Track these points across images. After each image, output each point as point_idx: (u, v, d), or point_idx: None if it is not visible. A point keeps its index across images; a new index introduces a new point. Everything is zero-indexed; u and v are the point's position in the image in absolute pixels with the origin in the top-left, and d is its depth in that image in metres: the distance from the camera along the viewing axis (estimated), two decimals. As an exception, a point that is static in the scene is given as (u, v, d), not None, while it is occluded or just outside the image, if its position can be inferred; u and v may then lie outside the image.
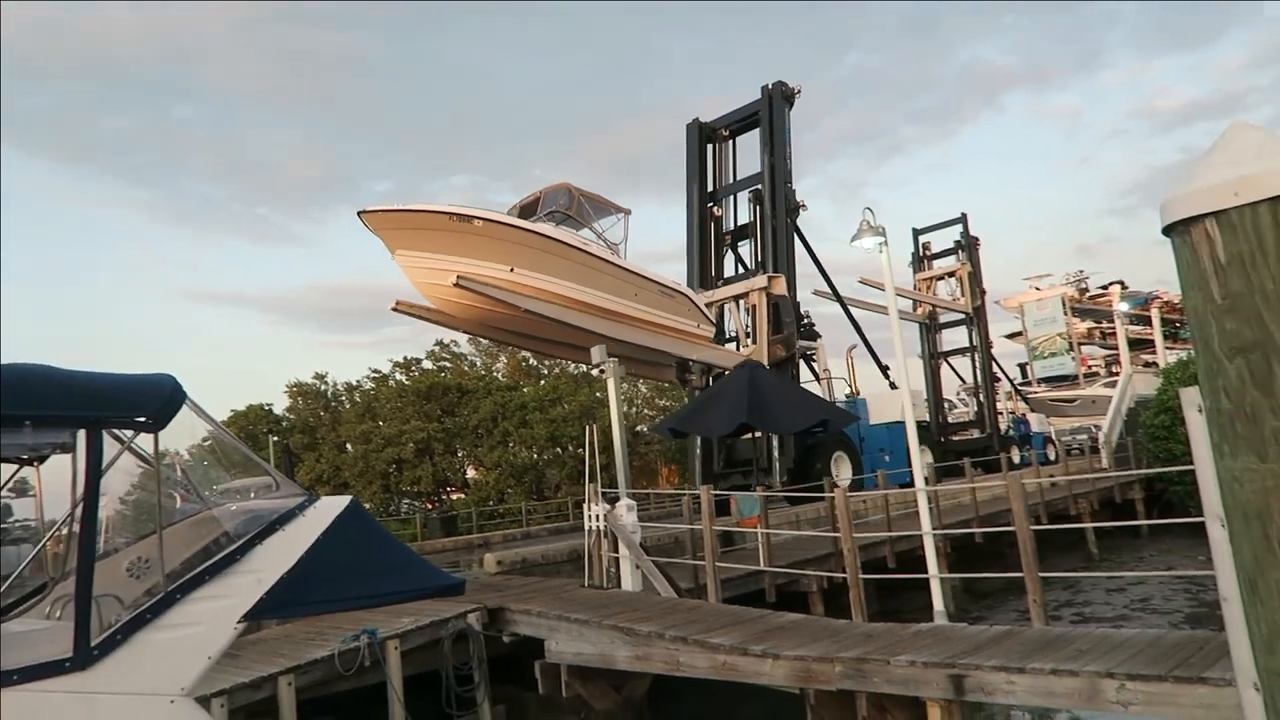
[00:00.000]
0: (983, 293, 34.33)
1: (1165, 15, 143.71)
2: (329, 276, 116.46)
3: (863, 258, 23.77)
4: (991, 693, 5.93)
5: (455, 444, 37.96)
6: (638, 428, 39.40)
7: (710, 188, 23.56)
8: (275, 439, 28.06)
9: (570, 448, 37.02)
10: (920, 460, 9.97)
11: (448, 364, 44.56)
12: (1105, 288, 56.22)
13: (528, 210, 16.85)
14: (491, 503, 35.00)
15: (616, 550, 11.36)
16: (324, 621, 9.59)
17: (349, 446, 38.52)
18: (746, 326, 22.26)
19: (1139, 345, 48.26)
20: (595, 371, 14.01)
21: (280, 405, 42.69)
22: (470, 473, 39.33)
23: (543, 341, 17.87)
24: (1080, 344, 52.91)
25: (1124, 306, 46.08)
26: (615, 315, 16.98)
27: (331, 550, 5.47)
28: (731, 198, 23.80)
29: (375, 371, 42.00)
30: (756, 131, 23.15)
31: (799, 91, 23.12)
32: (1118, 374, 39.15)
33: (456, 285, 14.43)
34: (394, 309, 16.46)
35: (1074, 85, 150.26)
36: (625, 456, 12.87)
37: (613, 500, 11.90)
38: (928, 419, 28.85)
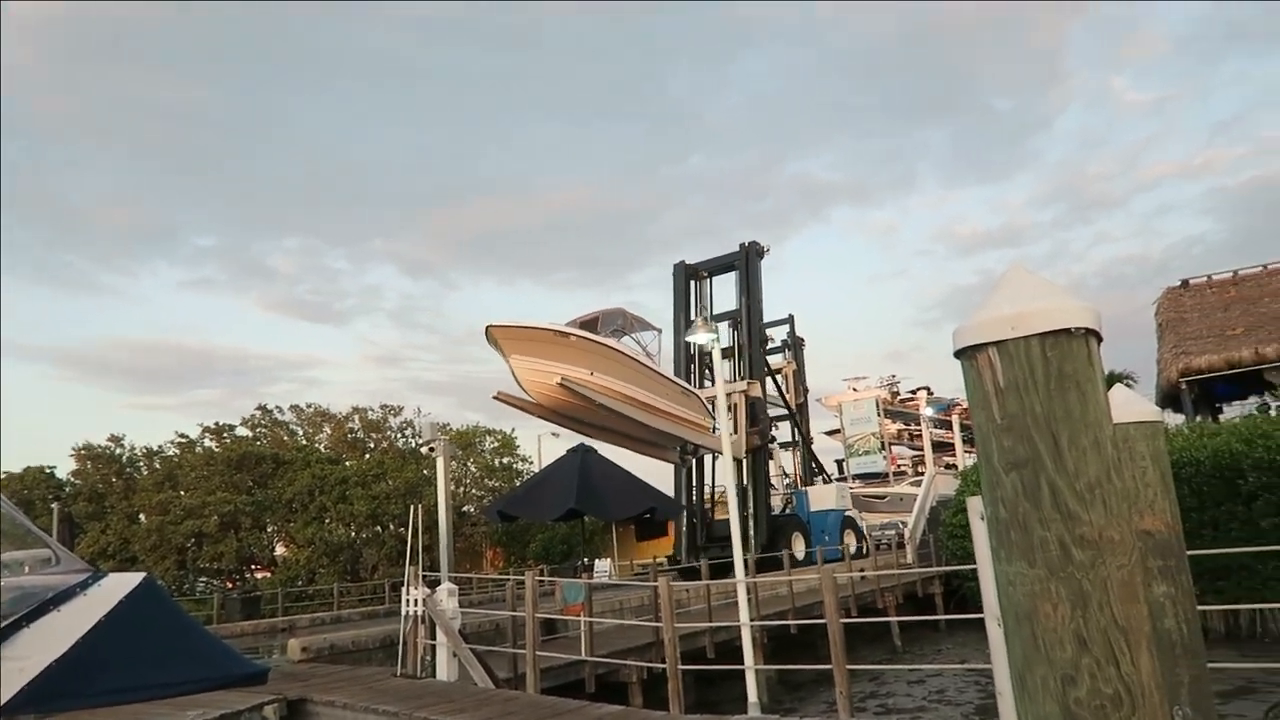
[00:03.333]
0: (806, 391, 36.21)
1: (966, 153, 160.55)
2: (138, 332, 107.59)
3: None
4: (799, 785, 6.05)
5: (265, 518, 35.54)
6: (465, 508, 38.39)
7: (692, 316, 28.34)
8: (57, 505, 25.30)
9: (392, 526, 35.52)
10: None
11: (266, 431, 42.04)
12: (914, 392, 60.49)
13: (589, 325, 21.11)
14: (301, 582, 32.84)
15: (433, 637, 10.91)
16: (92, 717, 8.61)
17: (143, 517, 35.28)
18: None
19: (942, 448, 52.02)
20: (425, 449, 13.75)
21: (66, 469, 38.75)
22: (279, 549, 36.82)
23: (594, 427, 21.65)
24: (891, 444, 56.38)
25: (929, 411, 49.73)
26: (654, 410, 21.54)
27: (117, 634, 4.98)
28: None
29: (182, 436, 38.98)
30: (732, 275, 29.14)
31: (768, 249, 29.14)
32: (923, 473, 41.89)
33: (560, 384, 18.59)
34: (495, 398, 20.21)
35: (890, 204, 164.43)
36: (450, 538, 12.51)
37: (433, 584, 11.47)
38: (848, 509, 32.26)
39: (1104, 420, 2.12)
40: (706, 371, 28.76)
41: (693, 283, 29.50)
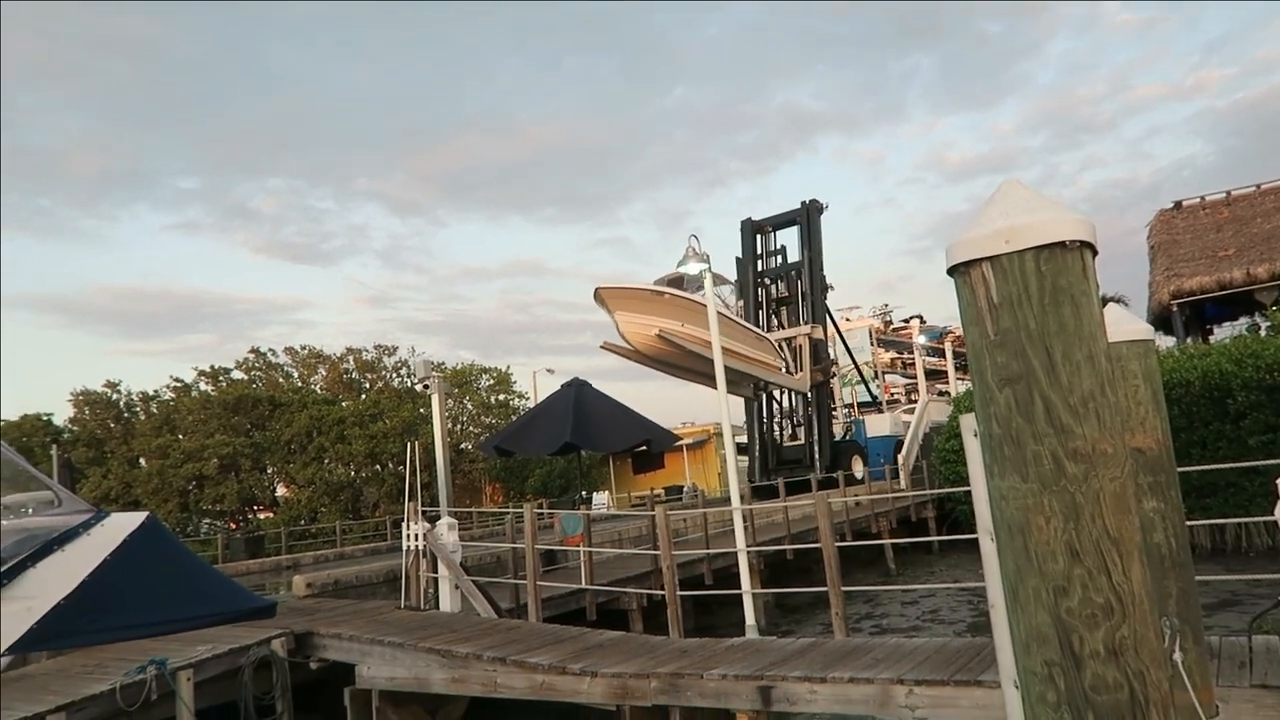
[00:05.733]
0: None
1: (955, 79, 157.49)
2: (124, 278, 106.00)
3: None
4: (795, 702, 6.23)
5: (265, 460, 35.79)
6: (462, 445, 38.67)
7: (759, 268, 32.03)
8: (56, 450, 25.39)
9: (391, 465, 35.82)
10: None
11: (260, 374, 42.05)
12: (906, 321, 60.47)
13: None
14: (303, 522, 33.24)
15: (435, 570, 11.09)
16: (105, 652, 8.77)
17: (143, 461, 35.50)
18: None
19: (934, 375, 52.24)
20: (420, 386, 13.84)
21: (63, 416, 38.81)
22: (280, 490, 37.17)
23: (683, 370, 24.06)
24: (884, 373, 56.67)
25: (922, 339, 49.78)
26: (734, 355, 23.73)
27: (122, 572, 5.04)
28: (779, 276, 32.50)
29: (177, 380, 38.97)
30: (794, 229, 31.88)
31: (827, 206, 31.86)
32: (916, 401, 42.20)
33: (658, 336, 21.39)
34: (603, 347, 22.97)
35: (877, 133, 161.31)
36: (447, 474, 12.63)
37: (433, 519, 11.62)
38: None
39: (1098, 334, 2.10)
40: (773, 318, 31.85)
41: (759, 236, 32.54)
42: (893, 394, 56.42)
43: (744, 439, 32.51)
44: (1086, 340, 2.07)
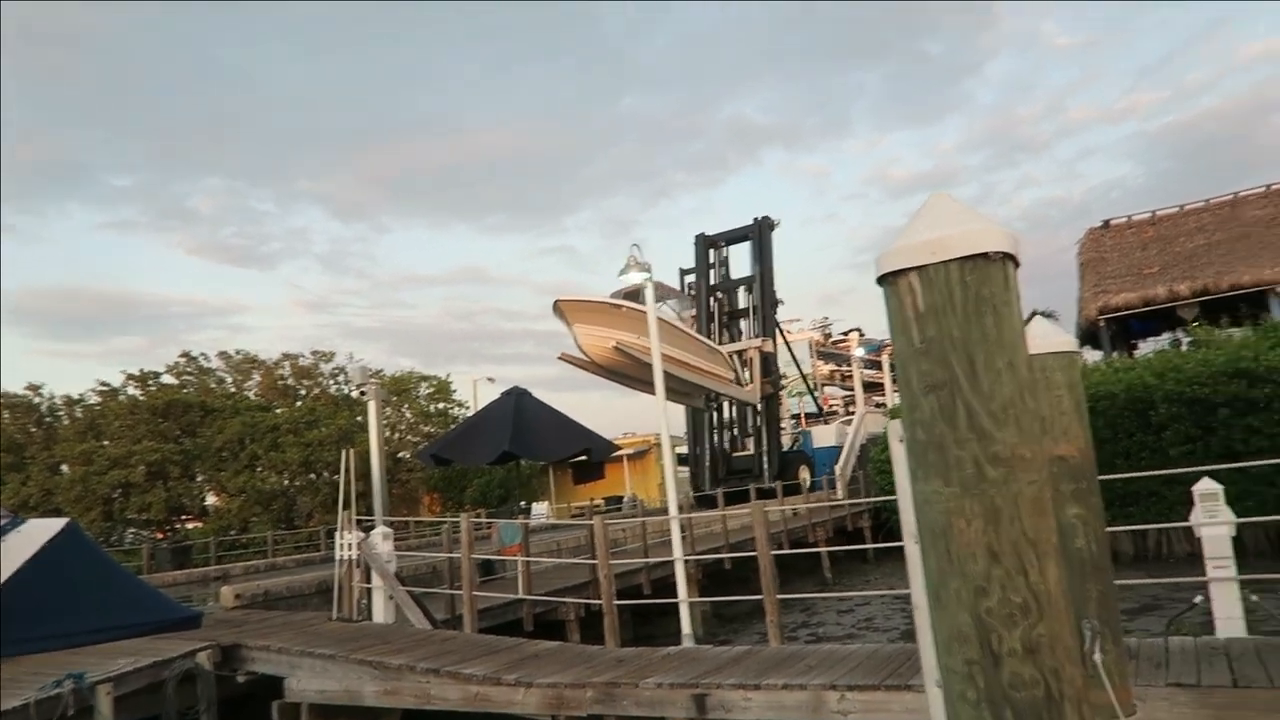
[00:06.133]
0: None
1: (899, 96, 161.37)
2: (49, 276, 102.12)
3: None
4: (730, 709, 6.26)
5: (195, 467, 34.74)
6: (400, 454, 38.07)
7: (711, 280, 33.17)
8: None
9: (326, 474, 35.05)
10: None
11: (192, 379, 40.83)
12: (846, 334, 61.54)
13: (631, 296, 23.13)
14: (233, 532, 32.34)
15: (369, 581, 10.89)
16: (19, 665, 8.40)
17: (65, 468, 34.19)
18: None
19: (873, 388, 53.17)
20: (357, 393, 13.61)
21: (-21, 420, 37.11)
22: (210, 499, 36.12)
23: (639, 382, 24.26)
24: (824, 384, 57.48)
25: (860, 352, 50.54)
26: (687, 366, 24.81)
27: (40, 581, 4.85)
28: (730, 289, 33.73)
29: (104, 384, 37.62)
30: (746, 245, 33.09)
31: (779, 222, 33.11)
32: (854, 413, 42.87)
33: (615, 348, 21.59)
34: (560, 359, 23.16)
35: (822, 148, 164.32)
36: (383, 483, 12.44)
37: (369, 528, 11.42)
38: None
39: (1019, 343, 2.17)
40: (724, 330, 32.81)
41: (711, 250, 33.53)
42: (831, 405, 57.23)
43: (684, 449, 32.79)
44: (1007, 349, 2.13)
